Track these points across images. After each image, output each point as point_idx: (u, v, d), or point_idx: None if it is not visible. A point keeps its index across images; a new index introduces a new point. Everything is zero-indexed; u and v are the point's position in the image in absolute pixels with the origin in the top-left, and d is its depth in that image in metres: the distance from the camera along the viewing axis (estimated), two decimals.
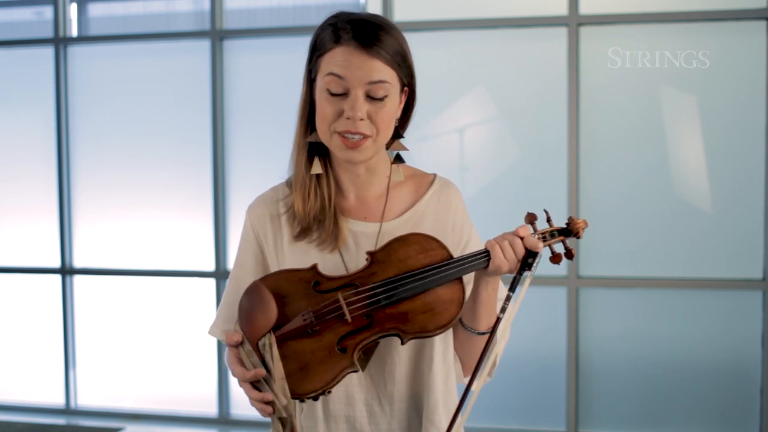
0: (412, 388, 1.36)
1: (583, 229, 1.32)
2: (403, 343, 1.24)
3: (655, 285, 3.56)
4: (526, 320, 3.69)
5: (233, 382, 4.04)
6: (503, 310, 1.25)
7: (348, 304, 1.22)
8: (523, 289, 1.25)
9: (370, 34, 1.24)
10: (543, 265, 1.27)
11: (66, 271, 4.18)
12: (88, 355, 4.25)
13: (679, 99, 3.55)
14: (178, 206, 4.08)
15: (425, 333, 1.23)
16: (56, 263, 4.21)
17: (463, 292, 1.25)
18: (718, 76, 3.49)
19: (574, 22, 3.54)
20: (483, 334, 1.34)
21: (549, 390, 3.71)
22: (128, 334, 4.19)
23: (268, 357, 1.19)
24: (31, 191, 4.25)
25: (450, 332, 1.40)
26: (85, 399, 4.26)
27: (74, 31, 4.25)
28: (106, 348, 4.23)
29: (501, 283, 1.40)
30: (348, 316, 1.21)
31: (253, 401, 1.23)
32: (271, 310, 1.21)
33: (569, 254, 1.32)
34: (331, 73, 1.24)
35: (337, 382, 1.21)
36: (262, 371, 1.19)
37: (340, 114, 1.25)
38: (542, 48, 3.63)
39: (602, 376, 3.66)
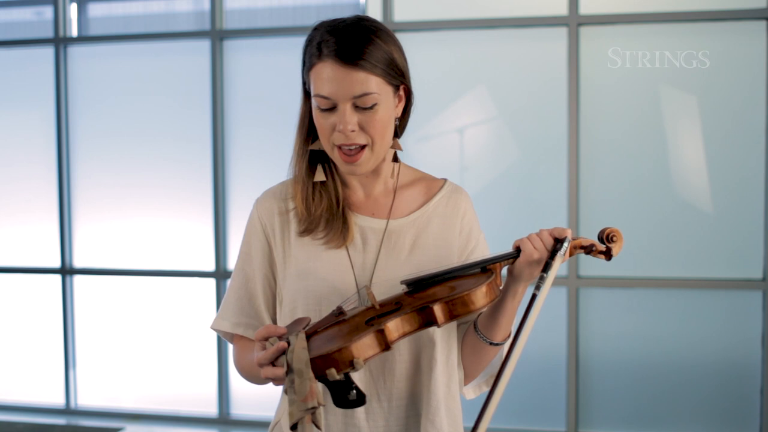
0: (412, 387, 1.36)
1: (611, 233, 1.30)
2: (439, 326, 1.18)
3: (655, 285, 3.56)
4: None
5: (233, 382, 4.05)
6: (538, 287, 1.26)
7: (377, 301, 1.24)
8: (554, 268, 1.26)
9: (351, 46, 1.23)
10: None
11: (66, 271, 4.18)
12: (88, 355, 4.25)
13: (679, 99, 3.55)
14: (178, 206, 4.08)
15: (455, 296, 1.18)
16: (56, 263, 4.21)
17: (494, 278, 1.24)
18: (718, 76, 3.49)
19: (574, 22, 3.54)
20: (496, 345, 1.35)
21: (549, 390, 3.71)
22: (128, 334, 4.19)
23: (293, 343, 1.12)
24: (31, 191, 4.25)
25: (454, 336, 1.40)
26: (85, 399, 4.26)
27: (74, 31, 4.25)
28: (106, 348, 4.23)
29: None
30: (378, 306, 1.22)
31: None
32: (304, 323, 1.20)
33: (608, 255, 1.31)
34: (317, 95, 1.26)
35: (361, 345, 1.11)
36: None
37: (334, 128, 1.27)
38: (542, 48, 3.63)
39: (602, 376, 3.66)
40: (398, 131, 1.37)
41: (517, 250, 1.28)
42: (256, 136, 3.95)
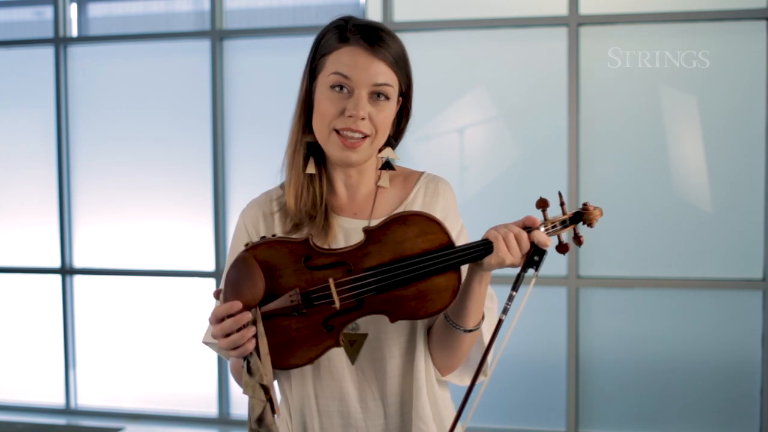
0: (404, 384, 1.36)
1: (597, 219, 1.25)
2: (391, 322, 1.23)
3: (655, 285, 3.56)
4: (526, 320, 3.69)
5: (233, 382, 4.03)
6: (505, 311, 1.20)
7: (337, 288, 1.20)
8: (528, 289, 1.20)
9: (377, 38, 1.28)
10: (545, 262, 1.21)
11: (66, 271, 4.18)
12: (88, 355, 4.25)
13: (679, 99, 3.55)
14: (177, 206, 4.08)
15: (413, 318, 1.22)
16: (56, 263, 4.21)
17: (460, 281, 1.21)
18: (718, 76, 3.49)
19: (574, 22, 3.54)
20: (470, 331, 1.31)
21: (549, 390, 3.71)
22: (128, 334, 4.19)
23: (257, 333, 1.21)
24: (31, 191, 4.25)
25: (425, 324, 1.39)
26: (85, 399, 4.26)
27: (74, 31, 4.25)
28: (106, 348, 4.23)
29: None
30: (337, 304, 1.20)
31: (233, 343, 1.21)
32: (258, 285, 1.20)
33: (579, 241, 1.24)
34: (337, 72, 1.27)
35: (318, 359, 1.24)
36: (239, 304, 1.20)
37: (341, 112, 1.28)
38: (542, 48, 3.63)
39: (602, 376, 3.66)
40: (390, 140, 1.39)
41: (487, 244, 1.20)
42: (256, 135, 3.95)
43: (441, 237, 1.20)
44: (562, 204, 1.26)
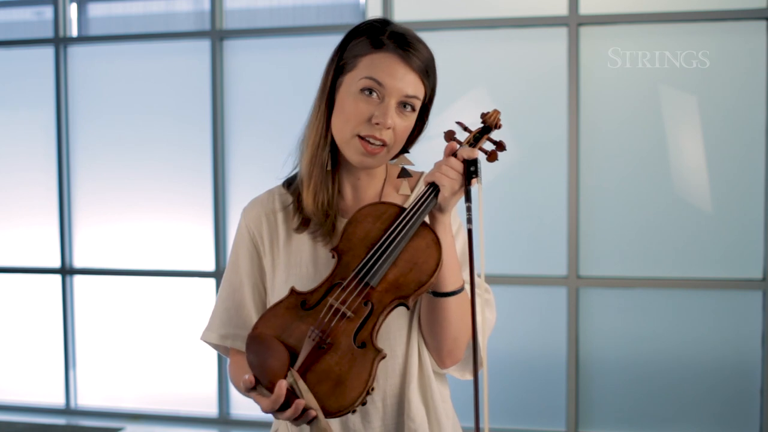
0: (402, 384, 1.36)
1: (498, 118, 1.34)
2: (408, 308, 1.26)
3: (655, 285, 3.56)
4: (526, 320, 3.69)
5: None
6: (470, 220, 1.24)
7: (343, 302, 1.23)
8: (479, 195, 1.28)
9: (412, 46, 1.28)
10: (537, 260, 1.25)
11: (66, 271, 4.18)
12: (88, 355, 4.25)
13: (679, 99, 3.55)
14: (177, 206, 4.08)
15: (424, 285, 1.24)
16: (56, 263, 4.21)
17: (434, 232, 1.27)
18: (718, 76, 3.49)
19: (574, 22, 3.54)
20: (452, 294, 1.30)
21: (549, 390, 3.71)
22: (128, 334, 4.19)
23: (299, 394, 1.19)
24: (31, 191, 4.25)
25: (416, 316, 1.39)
26: (85, 399, 4.26)
27: (74, 31, 4.25)
28: (106, 348, 4.23)
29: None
30: (350, 313, 1.22)
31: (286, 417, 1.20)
32: (279, 351, 1.22)
33: (501, 146, 1.34)
34: (370, 77, 1.26)
35: (375, 376, 1.21)
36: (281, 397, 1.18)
37: (368, 118, 1.27)
38: (542, 48, 3.63)
39: (602, 376, 3.66)
40: (404, 147, 1.40)
41: (433, 186, 1.27)
42: (256, 135, 3.95)
43: (392, 210, 1.29)
44: (465, 128, 1.37)
